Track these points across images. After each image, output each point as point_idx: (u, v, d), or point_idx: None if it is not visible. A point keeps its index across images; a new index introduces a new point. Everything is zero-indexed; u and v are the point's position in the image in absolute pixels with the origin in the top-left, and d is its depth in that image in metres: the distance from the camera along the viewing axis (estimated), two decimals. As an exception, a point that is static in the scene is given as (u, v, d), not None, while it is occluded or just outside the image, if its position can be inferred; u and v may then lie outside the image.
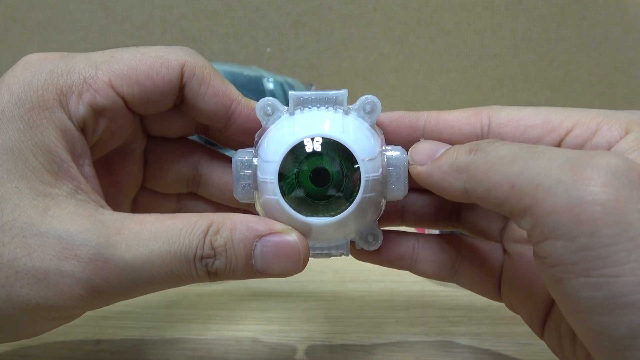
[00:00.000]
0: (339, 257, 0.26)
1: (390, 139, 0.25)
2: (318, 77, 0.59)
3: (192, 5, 0.58)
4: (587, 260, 0.16)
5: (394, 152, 0.23)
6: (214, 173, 0.28)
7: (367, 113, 0.24)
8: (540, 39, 0.58)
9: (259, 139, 0.24)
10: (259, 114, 0.24)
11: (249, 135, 0.25)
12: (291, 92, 0.23)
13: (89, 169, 0.23)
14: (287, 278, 0.35)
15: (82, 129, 0.23)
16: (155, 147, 0.28)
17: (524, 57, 0.59)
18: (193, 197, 0.29)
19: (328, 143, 0.22)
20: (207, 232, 0.21)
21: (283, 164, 0.22)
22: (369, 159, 0.22)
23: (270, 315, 0.33)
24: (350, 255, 0.26)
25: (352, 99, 0.24)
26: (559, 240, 0.17)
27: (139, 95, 0.24)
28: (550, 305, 0.24)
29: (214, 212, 0.28)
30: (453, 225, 0.27)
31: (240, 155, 0.24)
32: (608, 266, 0.16)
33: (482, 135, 0.23)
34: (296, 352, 0.30)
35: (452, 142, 0.23)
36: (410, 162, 0.23)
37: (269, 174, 0.22)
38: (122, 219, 0.21)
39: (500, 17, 0.57)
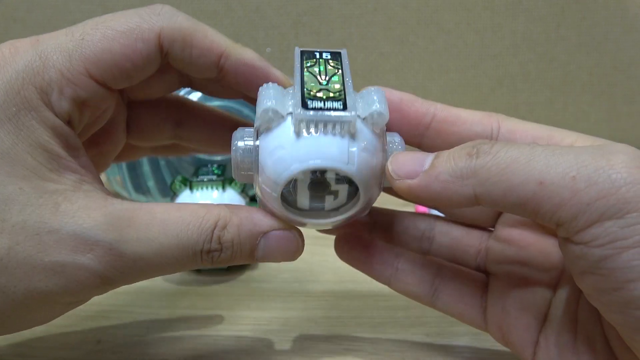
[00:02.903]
0: (338, 257, 0.27)
1: (393, 117, 0.24)
2: (318, 77, 0.59)
3: (192, 5, 0.58)
4: (639, 232, 0.17)
5: (393, 140, 0.23)
6: (194, 126, 0.29)
7: (374, 123, 0.22)
8: (540, 39, 0.58)
9: (262, 131, 0.22)
10: (262, 128, 0.22)
11: (241, 86, 0.25)
12: (296, 113, 0.21)
13: (84, 159, 0.23)
14: (287, 278, 0.35)
15: (69, 122, 0.23)
16: (137, 110, 0.28)
17: (524, 57, 0.59)
18: (175, 146, 0.30)
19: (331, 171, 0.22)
20: (214, 227, 0.22)
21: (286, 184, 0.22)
22: (370, 180, 0.22)
23: (270, 315, 0.33)
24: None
25: (362, 90, 0.24)
26: (608, 221, 0.18)
27: (119, 76, 0.23)
28: (543, 321, 0.24)
29: (192, 153, 0.30)
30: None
31: (240, 140, 0.23)
32: None
33: (492, 137, 0.24)
34: (296, 352, 0.30)
35: (460, 136, 0.24)
36: (394, 177, 0.22)
37: (270, 189, 0.22)
38: (131, 209, 0.22)
39: (500, 17, 0.57)
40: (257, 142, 0.22)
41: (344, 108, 0.21)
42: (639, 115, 0.60)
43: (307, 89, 0.22)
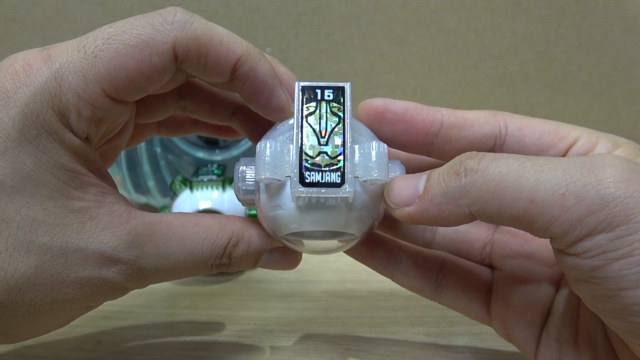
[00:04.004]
0: (339, 257, 0.28)
1: (400, 128, 0.24)
2: (318, 77, 0.59)
3: (192, 5, 0.58)
4: (629, 243, 0.18)
5: (394, 168, 0.23)
6: (197, 95, 0.29)
7: (374, 184, 0.22)
8: (540, 39, 0.58)
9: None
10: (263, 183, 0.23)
11: (245, 95, 0.25)
12: (293, 190, 0.21)
13: (102, 170, 0.24)
14: (287, 278, 0.35)
15: (86, 138, 0.23)
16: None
17: (524, 57, 0.59)
18: (172, 119, 0.31)
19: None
20: (227, 244, 0.24)
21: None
22: (371, 223, 0.23)
23: (270, 315, 0.33)
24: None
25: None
26: (599, 235, 0.18)
27: (134, 90, 0.23)
28: (546, 317, 0.24)
29: (192, 129, 0.31)
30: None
31: (243, 165, 0.24)
32: None
33: (501, 136, 0.24)
34: (296, 352, 0.30)
35: (469, 140, 0.24)
36: (392, 205, 0.22)
37: (268, 227, 0.24)
38: (152, 222, 0.23)
39: (500, 17, 0.57)
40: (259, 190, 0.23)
41: (342, 181, 0.21)
42: (639, 115, 0.60)
43: (305, 153, 0.22)
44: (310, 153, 0.22)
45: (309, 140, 0.22)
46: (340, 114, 0.23)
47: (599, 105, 0.60)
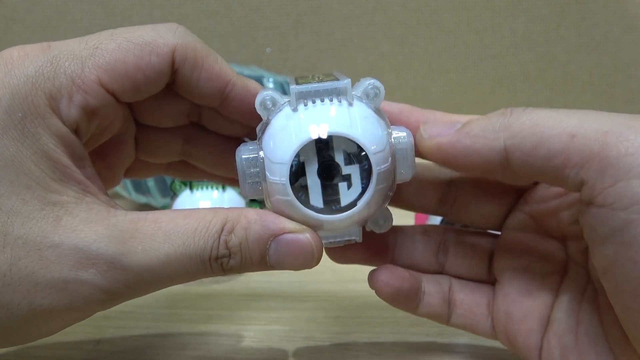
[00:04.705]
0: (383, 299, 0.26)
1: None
2: (318, 77, 0.59)
3: (192, 5, 0.58)
4: None
5: (400, 134, 0.23)
6: (204, 148, 0.28)
7: (371, 99, 0.23)
8: (540, 39, 0.58)
9: (262, 134, 0.23)
10: (259, 109, 0.23)
11: (244, 116, 0.25)
12: (292, 87, 0.22)
13: (90, 170, 0.23)
14: (287, 278, 0.35)
15: (76, 130, 0.22)
16: (146, 129, 0.28)
17: (524, 57, 0.59)
18: (183, 163, 0.29)
19: (337, 139, 0.22)
20: (221, 232, 0.21)
21: (292, 164, 0.22)
22: (379, 151, 0.22)
23: (270, 315, 0.33)
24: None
25: (359, 81, 0.24)
26: (635, 180, 0.17)
27: (130, 88, 0.23)
28: (545, 325, 0.24)
29: (203, 175, 0.30)
30: (441, 213, 0.28)
31: (245, 153, 0.23)
32: None
33: None
34: (296, 352, 0.30)
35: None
36: (424, 135, 0.22)
37: (279, 175, 0.22)
38: (135, 220, 0.21)
39: (500, 17, 0.57)
40: (261, 153, 0.22)
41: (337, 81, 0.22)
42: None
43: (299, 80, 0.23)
44: (304, 78, 0.23)
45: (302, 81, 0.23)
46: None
47: (599, 105, 0.60)
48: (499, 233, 0.27)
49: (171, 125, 0.28)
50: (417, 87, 0.60)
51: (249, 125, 0.26)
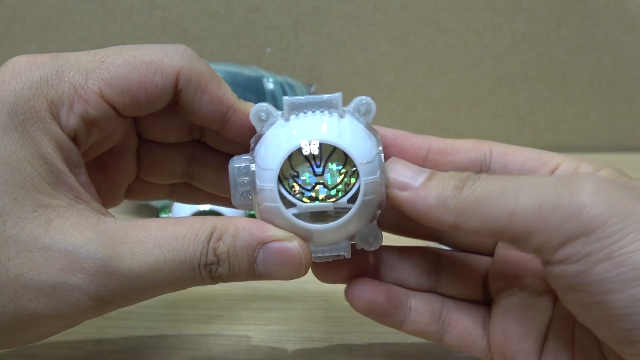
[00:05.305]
0: (354, 308, 0.26)
1: (390, 152, 0.25)
2: (318, 77, 0.59)
3: (192, 5, 0.58)
4: (607, 245, 0.19)
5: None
6: (207, 167, 0.28)
7: (362, 114, 0.24)
8: (540, 39, 0.58)
9: (255, 145, 0.23)
10: (253, 120, 0.24)
11: (244, 138, 0.25)
12: (285, 98, 0.23)
13: (84, 178, 0.23)
14: (287, 278, 0.34)
15: (74, 138, 0.23)
16: (149, 144, 0.28)
17: (524, 57, 0.59)
18: (187, 185, 0.29)
19: (325, 148, 0.22)
20: (210, 239, 0.22)
21: (281, 171, 0.22)
22: (367, 162, 0.22)
23: (270, 315, 0.33)
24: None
25: (351, 99, 0.24)
26: (577, 240, 0.19)
27: (130, 103, 0.23)
28: (542, 344, 0.24)
29: (207, 199, 0.30)
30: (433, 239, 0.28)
31: (237, 162, 0.23)
32: (625, 245, 0.19)
33: (486, 162, 0.25)
34: (296, 352, 0.30)
35: (456, 164, 0.25)
36: (390, 176, 0.23)
37: (267, 181, 0.22)
38: (125, 227, 0.22)
39: (500, 17, 0.57)
40: (252, 166, 0.23)
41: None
42: (639, 115, 0.60)
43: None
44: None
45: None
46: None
47: (599, 105, 0.60)
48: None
49: (174, 140, 0.28)
50: (417, 87, 0.60)
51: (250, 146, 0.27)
